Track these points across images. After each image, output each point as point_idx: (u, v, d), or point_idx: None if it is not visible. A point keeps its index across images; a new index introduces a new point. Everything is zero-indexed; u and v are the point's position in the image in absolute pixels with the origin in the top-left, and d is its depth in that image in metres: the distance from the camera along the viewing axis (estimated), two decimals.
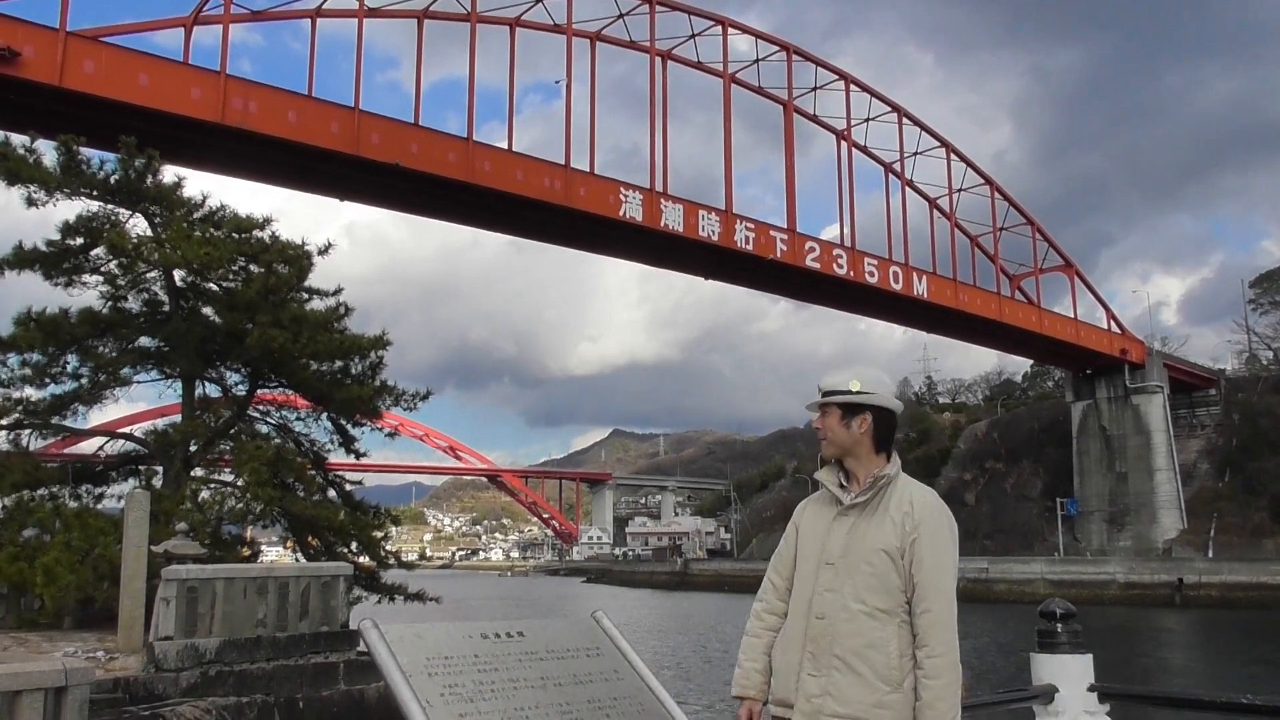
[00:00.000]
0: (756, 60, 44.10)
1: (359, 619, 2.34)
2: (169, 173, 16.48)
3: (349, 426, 17.43)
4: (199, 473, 16.26)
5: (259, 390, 16.96)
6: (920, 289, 47.04)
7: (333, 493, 17.43)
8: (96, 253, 15.54)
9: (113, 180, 15.55)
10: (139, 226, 15.88)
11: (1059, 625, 3.47)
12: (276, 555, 28.22)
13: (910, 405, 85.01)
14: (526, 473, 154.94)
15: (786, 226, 42.41)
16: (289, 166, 30.83)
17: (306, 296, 16.69)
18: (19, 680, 5.16)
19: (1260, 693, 3.14)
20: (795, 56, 44.83)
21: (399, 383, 17.39)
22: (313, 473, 16.79)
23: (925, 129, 49.85)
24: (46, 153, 15.40)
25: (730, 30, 42.79)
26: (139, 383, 16.60)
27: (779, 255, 41.36)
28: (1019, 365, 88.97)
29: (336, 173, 31.19)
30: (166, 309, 16.22)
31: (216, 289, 16.20)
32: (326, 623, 10.43)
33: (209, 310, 16.51)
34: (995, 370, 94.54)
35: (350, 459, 18.10)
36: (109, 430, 18.91)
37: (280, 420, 17.37)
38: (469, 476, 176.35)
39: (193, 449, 15.88)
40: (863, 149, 48.57)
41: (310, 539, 16.24)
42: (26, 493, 14.55)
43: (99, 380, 15.74)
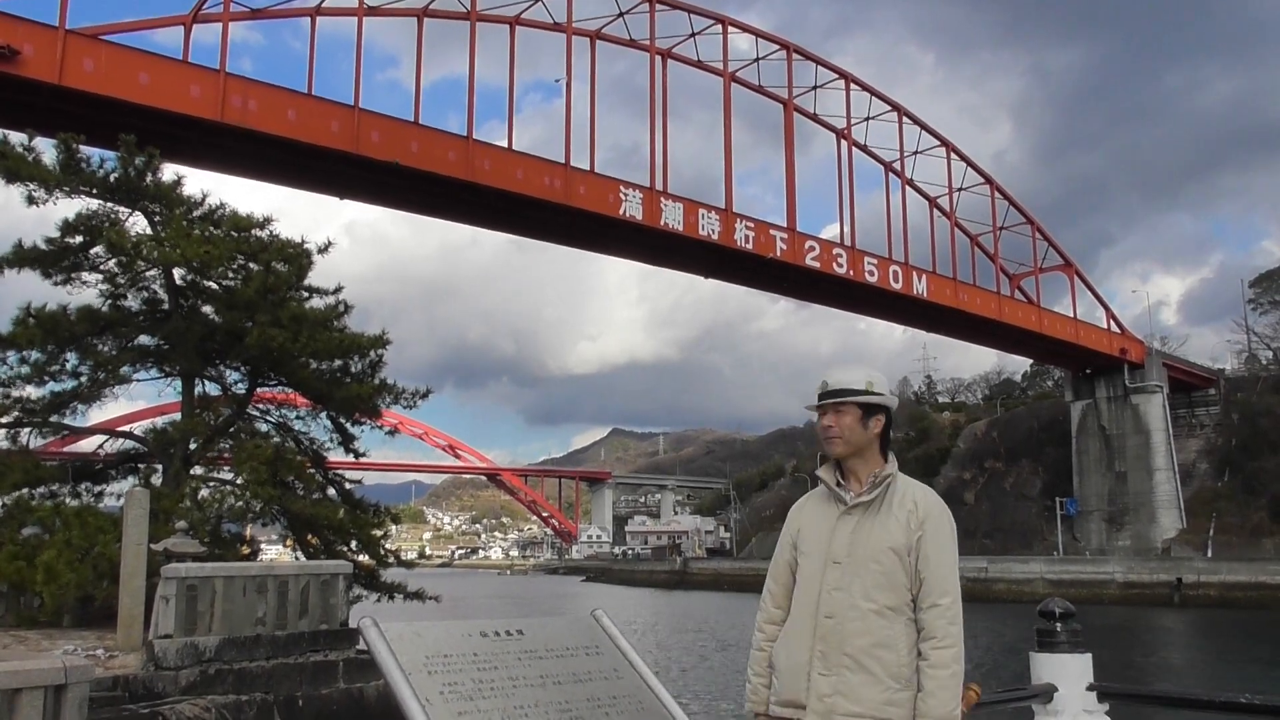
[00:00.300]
0: (757, 59, 44.14)
1: (358, 617, 2.34)
2: (168, 171, 16.49)
3: (348, 425, 17.42)
4: (198, 471, 16.23)
5: (258, 389, 16.95)
6: (920, 288, 47.06)
7: (332, 491, 17.41)
8: (96, 251, 15.53)
9: (112, 178, 15.54)
10: (138, 225, 15.89)
11: (1058, 624, 3.46)
12: (276, 553, 28.19)
13: (910, 404, 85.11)
14: (526, 471, 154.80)
15: (786, 225, 42.42)
16: (288, 165, 30.82)
17: (306, 295, 16.68)
18: (18, 678, 5.16)
19: (1260, 692, 3.14)
20: (795, 55, 44.83)
21: (399, 381, 17.39)
22: (312, 471, 16.79)
23: (925, 128, 49.84)
24: (46, 151, 15.42)
25: (730, 29, 42.79)
26: (138, 381, 16.61)
27: (779, 254, 41.36)
28: (1018, 365, 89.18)
29: (336, 171, 31.18)
30: (166, 307, 16.21)
31: (216, 287, 16.18)
32: (326, 621, 10.43)
33: (208, 308, 16.50)
34: (995, 370, 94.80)
35: (350, 457, 18.08)
36: (108, 428, 18.92)
37: (280, 419, 17.36)
38: (468, 475, 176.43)
39: (192, 447, 15.87)
40: (863, 148, 48.59)
41: (310, 537, 16.24)
42: (26, 491, 14.55)
43: (98, 378, 15.72)
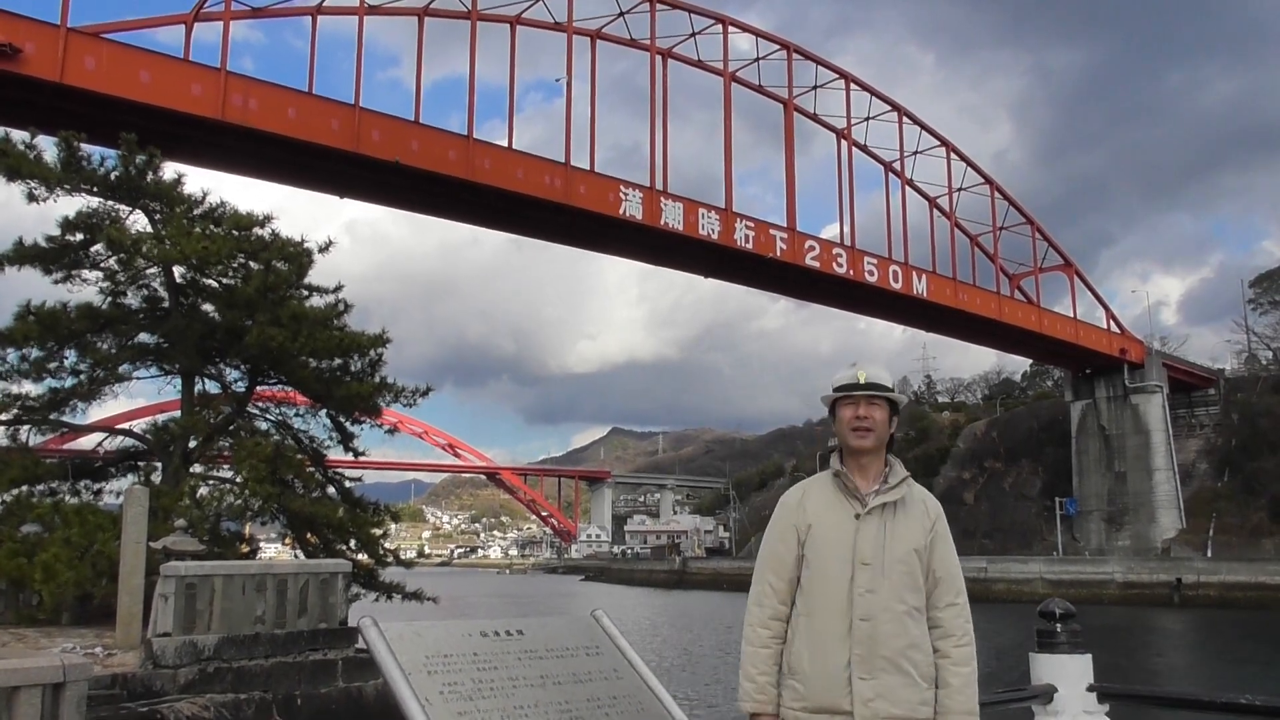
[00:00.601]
0: (757, 59, 44.12)
1: (358, 617, 2.34)
2: (169, 169, 16.47)
3: (348, 423, 17.40)
4: (198, 469, 16.22)
5: (258, 387, 16.95)
6: (920, 288, 47.05)
7: (331, 490, 17.39)
8: (96, 248, 15.53)
9: (113, 176, 15.53)
10: (139, 223, 15.89)
11: (1058, 625, 3.47)
12: (275, 552, 28.20)
13: (909, 404, 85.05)
14: (525, 470, 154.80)
15: (786, 225, 42.40)
16: (289, 163, 30.80)
17: (306, 293, 16.67)
18: (17, 676, 5.16)
19: (1259, 693, 3.14)
20: (796, 55, 44.81)
21: (398, 379, 17.37)
22: (312, 469, 16.77)
23: (925, 128, 49.81)
24: (47, 149, 15.38)
25: (731, 29, 42.78)
26: (138, 379, 16.61)
27: (779, 254, 41.34)
28: (1018, 365, 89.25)
29: (336, 170, 31.16)
30: (166, 305, 16.21)
31: (216, 285, 16.16)
32: (325, 620, 10.42)
33: (208, 307, 16.48)
34: (994, 369, 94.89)
35: (349, 456, 18.06)
36: (108, 426, 18.92)
37: (279, 417, 17.34)
38: (468, 474, 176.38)
39: (192, 445, 15.86)
40: (863, 148, 48.56)
41: (309, 536, 16.23)
42: (25, 488, 14.56)
43: (98, 376, 15.71)
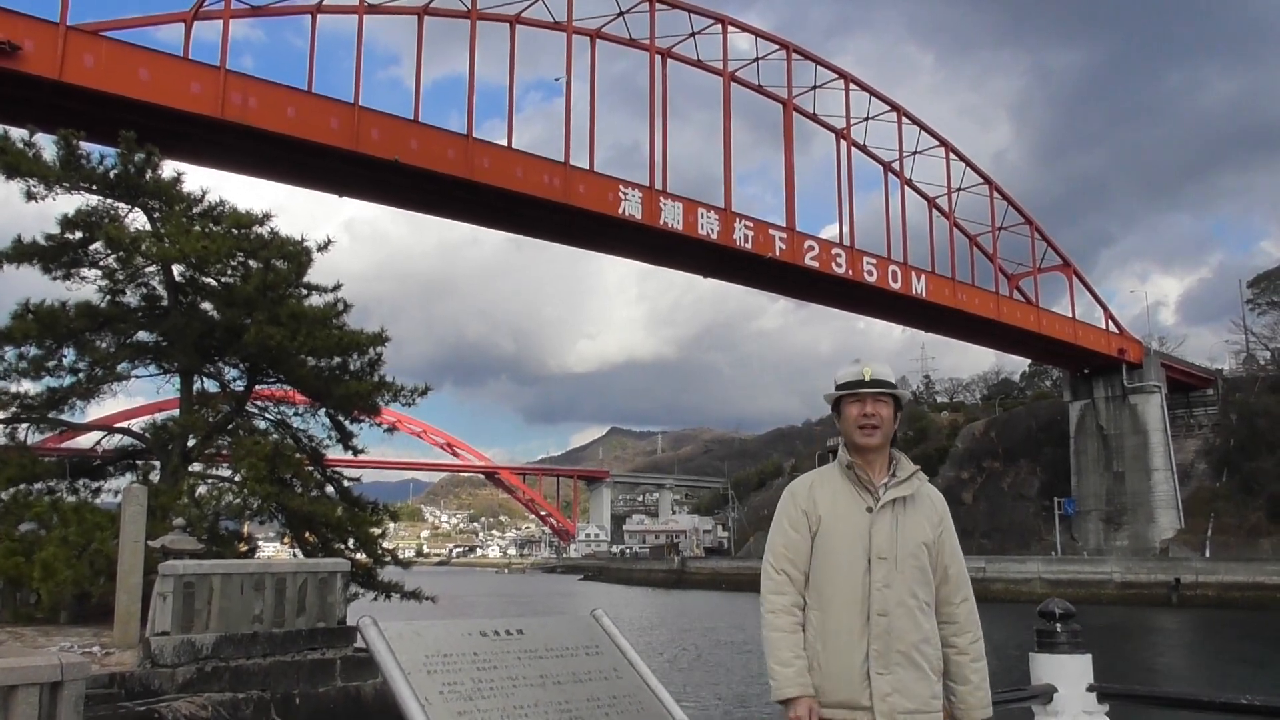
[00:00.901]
0: (756, 59, 44.12)
1: (356, 616, 2.34)
2: (168, 167, 16.44)
3: (347, 422, 17.38)
4: (196, 468, 16.18)
5: (257, 386, 16.91)
6: (919, 288, 47.06)
7: (330, 489, 17.36)
8: (95, 247, 15.50)
9: (112, 175, 15.51)
10: (138, 221, 15.86)
11: (1058, 625, 3.46)
12: (273, 551, 28.20)
13: (908, 404, 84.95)
14: (524, 470, 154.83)
15: (785, 225, 42.41)
16: (288, 162, 30.78)
17: (305, 292, 16.63)
18: (14, 675, 5.15)
19: (1258, 692, 3.14)
20: (795, 55, 44.80)
21: (397, 379, 17.34)
22: (310, 468, 16.74)
23: (925, 128, 49.82)
24: (46, 147, 15.37)
25: (730, 29, 42.76)
26: (137, 377, 16.60)
27: (778, 254, 41.34)
28: (1017, 365, 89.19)
29: (336, 168, 31.15)
30: (165, 304, 16.18)
31: (215, 284, 16.14)
32: (323, 619, 10.40)
33: (207, 305, 16.46)
34: (993, 370, 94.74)
35: (348, 455, 18.05)
36: (106, 425, 18.92)
37: (278, 416, 17.31)
38: (467, 473, 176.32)
39: (190, 444, 15.85)
40: (862, 148, 48.55)
41: (307, 535, 16.21)
42: (24, 487, 14.54)
43: (96, 374, 15.69)
